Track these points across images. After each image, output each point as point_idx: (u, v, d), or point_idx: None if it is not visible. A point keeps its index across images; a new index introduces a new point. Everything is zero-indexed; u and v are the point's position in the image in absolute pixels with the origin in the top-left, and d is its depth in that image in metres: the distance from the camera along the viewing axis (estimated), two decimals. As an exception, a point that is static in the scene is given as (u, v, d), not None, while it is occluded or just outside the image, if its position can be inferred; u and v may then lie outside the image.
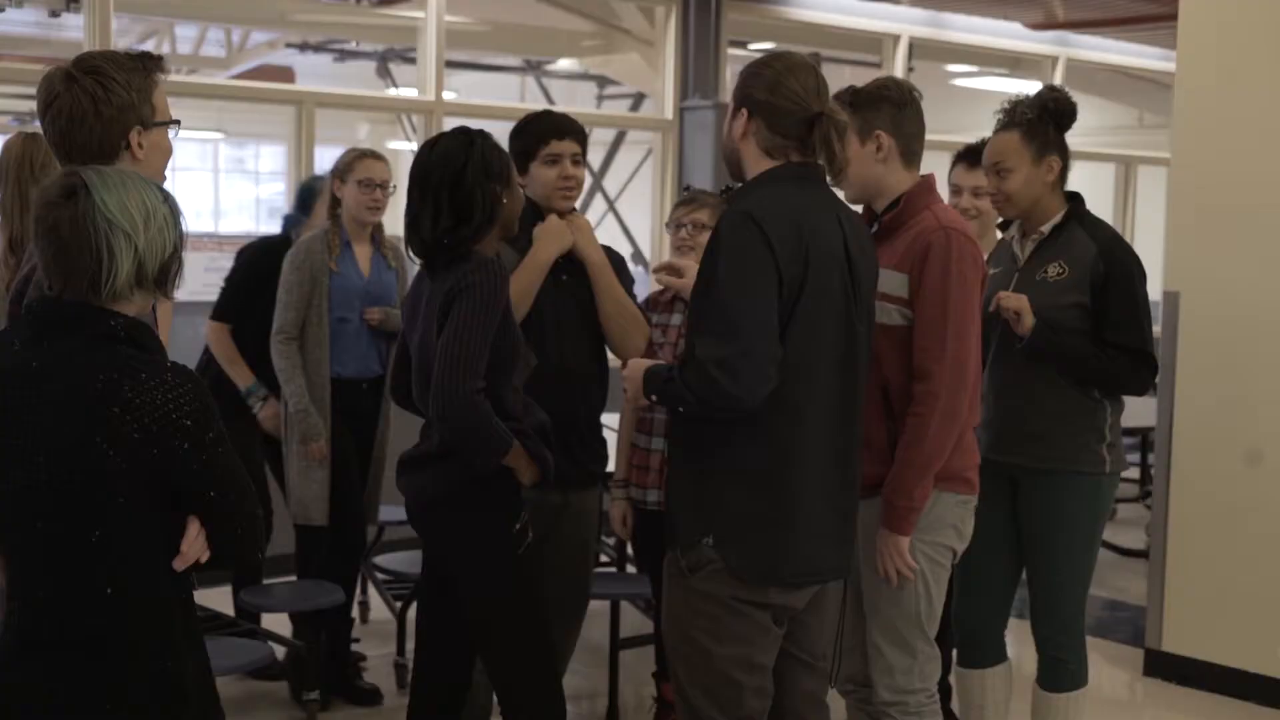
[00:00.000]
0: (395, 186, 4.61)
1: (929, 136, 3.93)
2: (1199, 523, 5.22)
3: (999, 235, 4.24)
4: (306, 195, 5.11)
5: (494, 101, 10.74)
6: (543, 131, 3.75)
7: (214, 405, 2.40)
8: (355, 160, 4.74)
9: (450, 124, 6.85)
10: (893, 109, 3.36)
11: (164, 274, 2.41)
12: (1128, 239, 10.85)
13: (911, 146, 3.39)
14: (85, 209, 2.32)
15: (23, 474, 2.35)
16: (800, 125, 2.97)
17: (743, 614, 2.98)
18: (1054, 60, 10.25)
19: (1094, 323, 3.82)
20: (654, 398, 3.01)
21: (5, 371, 2.38)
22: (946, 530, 3.39)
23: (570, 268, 3.76)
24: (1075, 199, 3.96)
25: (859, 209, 3.42)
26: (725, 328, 2.84)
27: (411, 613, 4.89)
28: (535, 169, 3.73)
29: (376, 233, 4.84)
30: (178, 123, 2.81)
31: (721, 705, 3.01)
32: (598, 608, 4.88)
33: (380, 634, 5.62)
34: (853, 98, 3.38)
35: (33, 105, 13.22)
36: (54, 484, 2.32)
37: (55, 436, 2.31)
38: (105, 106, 2.66)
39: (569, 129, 3.78)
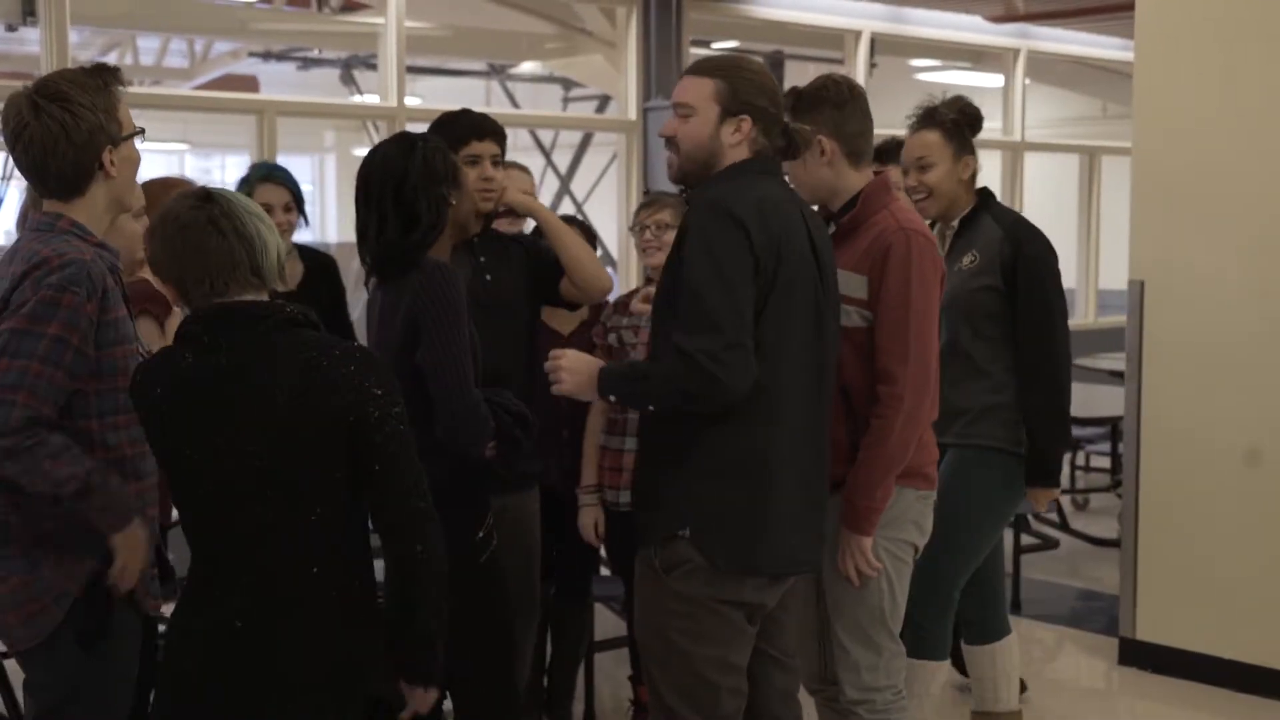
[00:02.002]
0: None
1: (895, 132, 3.97)
2: (1169, 510, 5.23)
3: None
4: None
5: (457, 106, 10.68)
6: (461, 132, 3.71)
7: (398, 384, 2.49)
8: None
9: (412, 129, 6.83)
10: (832, 110, 3.35)
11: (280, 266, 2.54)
12: (1093, 229, 10.97)
13: (856, 146, 3.39)
14: (231, 204, 2.46)
15: (231, 468, 2.42)
16: (781, 133, 3.10)
17: (719, 614, 2.98)
18: (1015, 52, 10.28)
19: (1005, 304, 3.99)
20: (613, 398, 3.01)
21: (188, 380, 2.46)
22: (908, 526, 3.40)
23: (494, 267, 3.72)
24: (985, 193, 4.16)
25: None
26: (710, 320, 2.85)
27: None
28: None
29: None
30: (141, 131, 2.82)
31: (698, 706, 3.00)
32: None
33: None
34: (794, 101, 3.37)
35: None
36: (270, 471, 2.40)
37: (264, 426, 2.40)
38: (76, 133, 2.68)
39: (488, 129, 3.74)
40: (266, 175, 4.37)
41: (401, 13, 7.42)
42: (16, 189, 3.39)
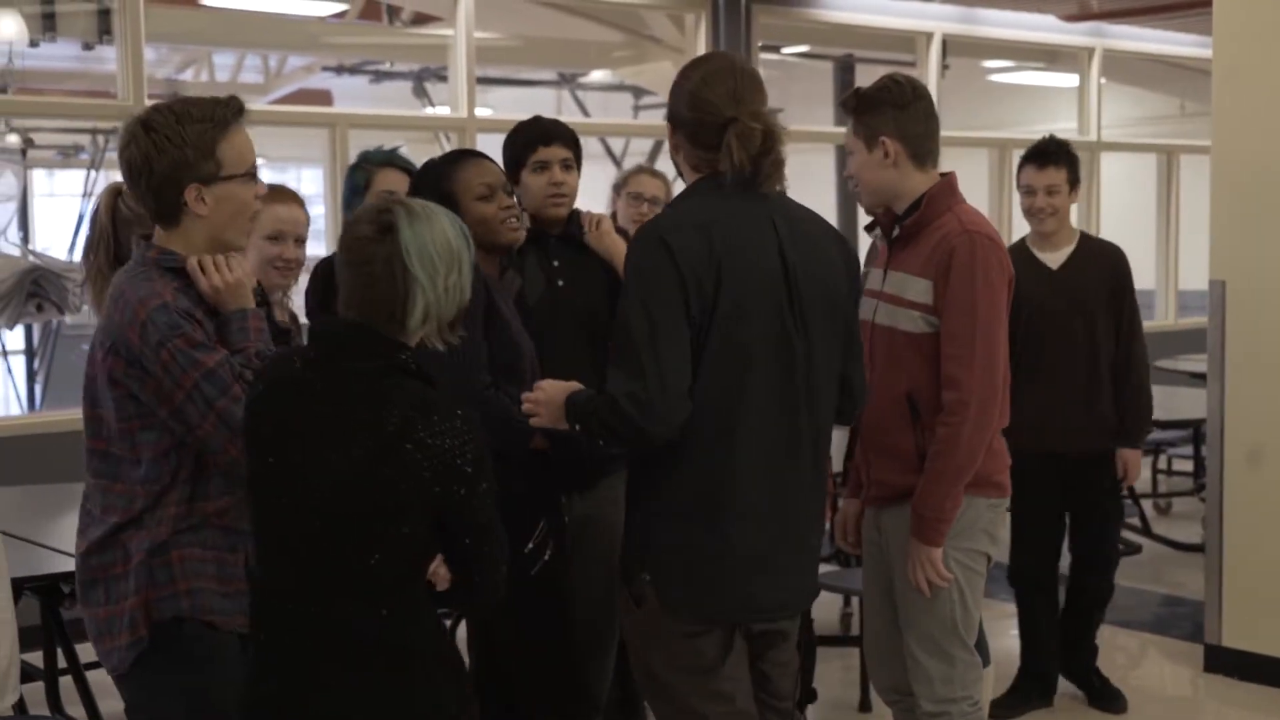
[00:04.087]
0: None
1: (968, 134, 3.91)
2: (1255, 514, 5.13)
3: (1076, 229, 4.72)
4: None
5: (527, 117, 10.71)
6: (529, 139, 3.70)
7: (488, 454, 2.45)
8: (631, 175, 4.87)
9: (483, 140, 6.86)
10: (895, 111, 3.29)
11: (453, 323, 2.48)
12: (1172, 229, 10.82)
13: (922, 147, 3.32)
14: (395, 249, 2.39)
15: (301, 492, 2.40)
16: (719, 135, 2.82)
17: (691, 645, 2.86)
18: (1090, 51, 10.15)
19: None
20: (578, 427, 2.83)
21: (289, 387, 2.44)
22: (979, 536, 3.34)
23: (568, 271, 3.69)
24: None
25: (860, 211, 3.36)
26: (635, 362, 2.70)
27: (461, 630, 4.88)
28: (525, 177, 3.66)
29: None
30: (253, 172, 2.75)
31: None
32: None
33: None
34: (856, 103, 3.32)
35: (75, 138, 13.24)
36: (335, 506, 2.37)
37: (341, 460, 2.36)
38: (157, 165, 2.65)
39: (557, 134, 3.71)
40: (388, 160, 3.97)
41: (471, 24, 7.45)
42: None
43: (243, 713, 2.50)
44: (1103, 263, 4.75)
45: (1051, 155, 4.65)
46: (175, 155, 2.64)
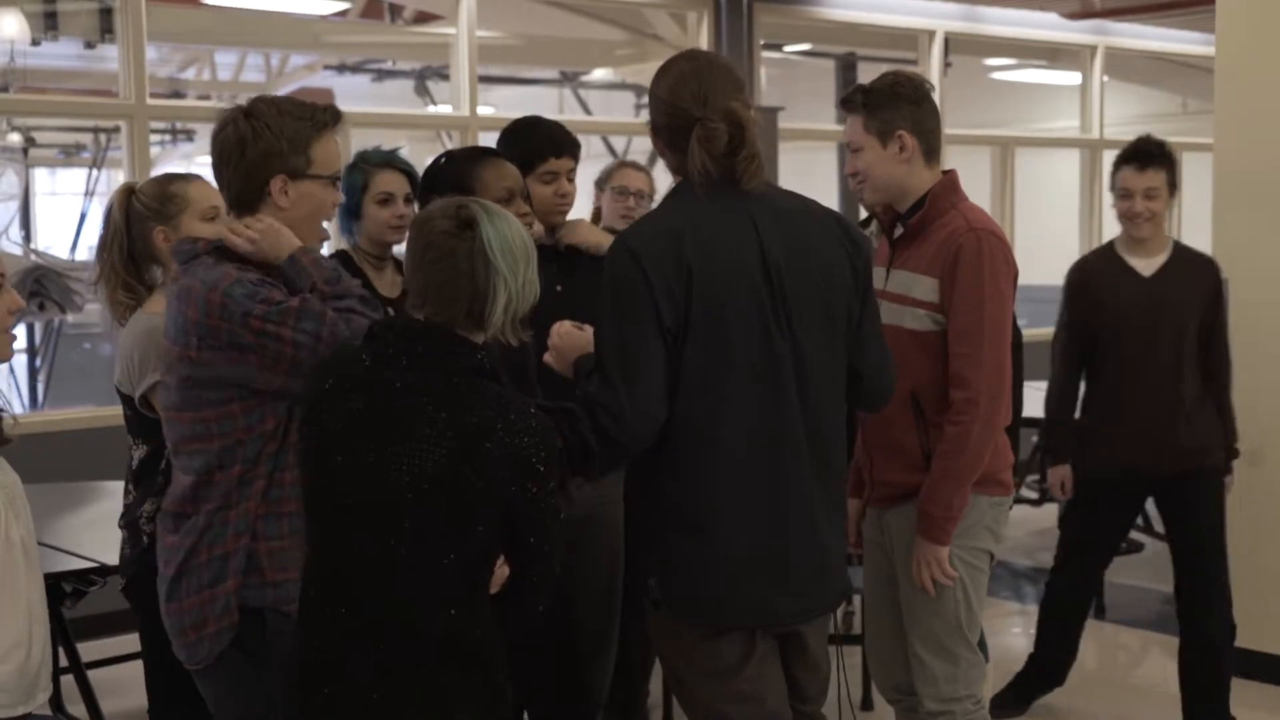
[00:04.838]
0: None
1: (972, 131, 3.91)
2: (1261, 513, 5.13)
3: (1170, 236, 4.51)
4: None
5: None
6: (540, 148, 3.68)
7: (557, 453, 2.47)
8: (615, 170, 4.85)
9: (485, 138, 6.86)
10: (910, 106, 3.27)
11: (524, 320, 2.49)
12: (1174, 227, 10.81)
13: (932, 143, 3.31)
14: (480, 244, 2.41)
15: (378, 490, 2.39)
16: (689, 138, 2.76)
17: (709, 647, 2.82)
18: (1093, 49, 10.15)
19: None
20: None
21: (359, 383, 2.44)
22: (982, 534, 3.33)
23: (565, 279, 3.68)
24: None
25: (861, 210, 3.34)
26: (606, 372, 2.70)
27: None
28: (530, 183, 3.62)
29: None
30: (337, 176, 2.83)
31: None
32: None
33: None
34: (865, 98, 3.30)
35: (76, 137, 13.21)
36: (417, 505, 2.37)
37: (421, 459, 2.37)
38: (250, 150, 2.72)
39: (567, 146, 3.70)
40: (387, 161, 3.86)
41: (473, 23, 7.45)
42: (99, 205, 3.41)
43: (290, 710, 2.49)
44: (1197, 274, 4.53)
45: (1153, 157, 4.43)
46: (270, 143, 2.72)
